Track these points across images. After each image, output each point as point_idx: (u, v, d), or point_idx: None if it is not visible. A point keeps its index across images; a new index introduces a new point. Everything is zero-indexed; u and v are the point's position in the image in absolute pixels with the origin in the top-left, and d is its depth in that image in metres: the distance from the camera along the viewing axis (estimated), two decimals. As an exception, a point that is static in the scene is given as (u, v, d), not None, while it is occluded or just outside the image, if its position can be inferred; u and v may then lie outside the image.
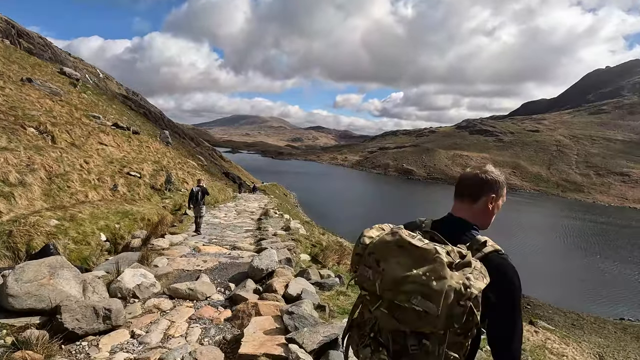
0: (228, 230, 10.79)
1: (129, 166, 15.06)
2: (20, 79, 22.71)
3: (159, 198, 14.99)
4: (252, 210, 17.98)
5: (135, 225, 8.63)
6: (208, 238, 9.01)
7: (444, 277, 1.04)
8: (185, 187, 20.78)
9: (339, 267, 7.98)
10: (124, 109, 55.83)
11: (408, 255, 1.09)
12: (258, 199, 27.00)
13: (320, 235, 13.76)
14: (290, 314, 3.68)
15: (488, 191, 1.46)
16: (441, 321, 1.03)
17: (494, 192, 1.47)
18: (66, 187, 9.83)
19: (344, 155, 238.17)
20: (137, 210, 9.58)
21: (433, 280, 1.04)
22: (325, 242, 11.01)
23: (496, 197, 1.48)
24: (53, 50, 63.76)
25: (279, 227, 11.22)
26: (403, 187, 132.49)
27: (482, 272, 1.13)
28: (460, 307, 1.04)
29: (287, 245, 7.52)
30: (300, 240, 9.21)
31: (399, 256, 1.10)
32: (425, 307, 1.03)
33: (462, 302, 1.04)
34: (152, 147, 23.55)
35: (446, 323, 1.04)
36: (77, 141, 13.88)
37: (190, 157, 49.54)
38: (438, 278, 1.04)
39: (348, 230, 41.80)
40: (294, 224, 12.81)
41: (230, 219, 13.88)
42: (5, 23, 52.60)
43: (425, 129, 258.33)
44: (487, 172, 1.49)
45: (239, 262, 6.64)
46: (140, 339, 3.62)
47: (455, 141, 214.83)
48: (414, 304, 1.04)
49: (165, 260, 6.29)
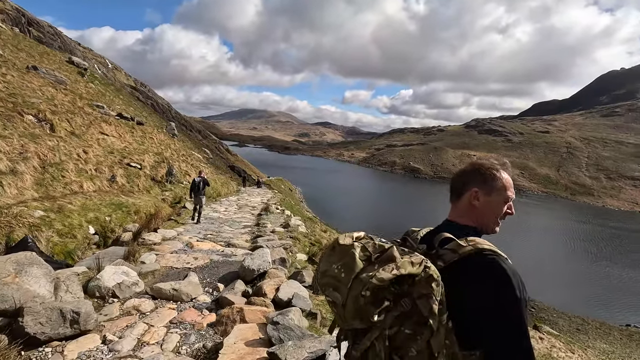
0: (226, 225, 10.50)
1: (130, 157, 14.83)
2: (25, 66, 22.60)
3: (159, 190, 14.76)
4: (254, 205, 17.70)
5: (129, 218, 8.35)
6: (203, 233, 8.72)
7: (353, 269, 1.03)
8: (187, 180, 20.56)
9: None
10: (131, 100, 55.86)
11: (335, 253, 1.11)
12: (261, 194, 26.74)
13: (322, 233, 13.43)
14: (275, 324, 3.34)
15: (470, 184, 1.27)
16: (349, 312, 1.03)
17: (477, 185, 1.25)
18: (60, 176, 9.60)
19: (350, 151, 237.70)
20: (132, 203, 9.32)
21: (342, 272, 1.05)
22: (327, 240, 10.67)
23: (483, 191, 1.25)
24: (62, 39, 63.95)
25: (278, 224, 10.89)
26: (409, 185, 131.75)
27: (400, 266, 1.01)
28: (362, 298, 0.99)
29: (283, 244, 7.18)
30: (299, 239, 8.88)
31: (331, 255, 1.12)
32: (334, 298, 1.06)
33: (363, 292, 0.99)
34: (155, 139, 23.36)
35: (354, 314, 1.02)
36: (78, 130, 13.65)
37: (196, 150, 49.46)
38: (347, 270, 1.04)
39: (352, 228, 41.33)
40: (294, 221, 12.49)
41: (230, 214, 13.60)
42: (15, 11, 52.79)
43: (434, 127, 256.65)
44: (471, 164, 1.32)
45: (232, 260, 6.32)
46: (111, 346, 3.31)
47: (464, 140, 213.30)
48: (327, 294, 1.09)
49: (154, 256, 5.99)
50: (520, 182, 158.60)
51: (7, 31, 35.18)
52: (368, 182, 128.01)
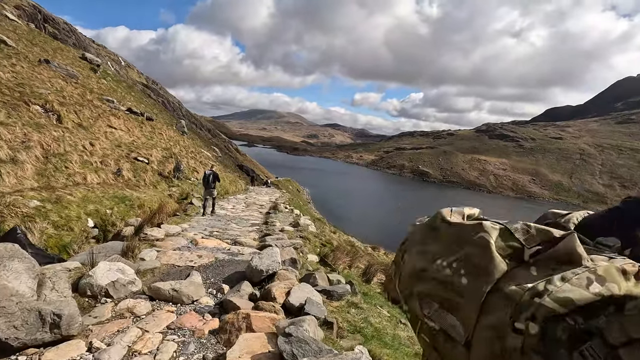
0: (233, 223, 10.07)
1: (137, 151, 14.52)
2: (37, 59, 22.60)
3: (166, 185, 14.42)
4: (262, 203, 17.29)
5: (132, 212, 7.96)
6: (209, 230, 8.28)
7: (486, 270, 0.52)
8: (196, 177, 20.25)
9: (350, 271, 7.13)
10: (143, 97, 56.18)
11: (438, 239, 0.62)
12: (269, 193, 26.36)
13: (331, 234, 12.93)
14: (287, 335, 2.84)
15: None
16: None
17: None
18: (64, 167, 9.27)
19: (359, 153, 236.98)
20: (137, 197, 8.94)
21: (463, 275, 0.54)
22: (336, 241, 10.17)
23: None
24: (77, 36, 64.75)
25: (287, 223, 10.42)
26: (418, 188, 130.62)
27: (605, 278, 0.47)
28: (513, 336, 0.47)
29: (293, 244, 6.69)
30: (309, 239, 8.39)
31: (426, 242, 0.64)
32: (444, 325, 0.55)
33: (519, 323, 0.47)
34: (165, 135, 23.12)
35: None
36: (85, 122, 13.39)
37: (205, 148, 49.47)
38: (474, 272, 0.53)
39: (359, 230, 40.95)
40: (304, 220, 12.02)
41: (238, 212, 13.18)
42: (32, 8, 53.55)
43: (444, 131, 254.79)
44: None
45: (238, 259, 5.85)
46: (97, 355, 2.85)
47: (474, 145, 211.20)
48: (427, 316, 0.58)
49: (155, 253, 5.55)
50: (531, 189, 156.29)
51: (22, 26, 35.48)
52: (376, 185, 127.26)
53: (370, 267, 7.74)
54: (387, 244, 27.08)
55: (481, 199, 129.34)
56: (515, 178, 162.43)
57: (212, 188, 10.96)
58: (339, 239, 14.26)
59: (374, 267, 7.77)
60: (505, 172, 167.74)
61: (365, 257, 8.28)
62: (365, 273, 7.52)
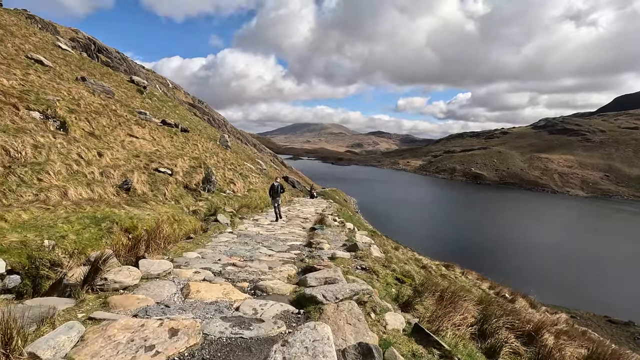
0: (264, 246, 7.24)
1: (159, 161, 12.44)
2: (75, 78, 22.19)
3: (192, 199, 12.11)
4: (306, 216, 14.45)
5: (109, 238, 5.46)
6: (224, 262, 5.48)
7: None
8: (232, 189, 18.02)
9: (460, 334, 3.90)
10: (188, 114, 57.17)
11: None
12: (315, 204, 23.60)
13: (398, 255, 9.64)
14: None
15: None
16: None
17: None
18: (35, 179, 7.15)
19: (405, 159, 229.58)
20: (129, 216, 6.52)
21: None
22: (415, 271, 6.91)
23: None
24: (128, 63, 68.44)
25: (339, 244, 7.39)
26: (472, 192, 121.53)
27: None
28: None
29: (355, 293, 3.62)
30: (377, 271, 5.29)
31: None
32: None
33: None
34: (200, 146, 21.34)
35: None
36: (99, 131, 11.58)
37: (249, 161, 48.57)
38: None
39: (416, 242, 36.69)
40: (360, 238, 8.90)
41: (275, 228, 10.43)
42: (86, 40, 57.14)
43: (496, 130, 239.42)
44: None
45: (249, 336, 2.90)
46: None
47: (533, 142, 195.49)
48: None
49: (75, 334, 2.73)
50: (604, 186, 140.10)
51: (74, 55, 36.85)
52: (427, 191, 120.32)
53: (489, 319, 4.45)
54: (456, 259, 22.92)
55: (546, 200, 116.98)
56: (584, 175, 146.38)
57: (278, 197, 12.46)
58: (407, 259, 10.94)
59: (496, 319, 4.47)
60: (571, 170, 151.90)
61: (464, 294, 5.04)
62: (482, 334, 4.26)
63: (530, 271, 34.11)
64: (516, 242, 47.33)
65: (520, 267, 35.09)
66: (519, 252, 42.19)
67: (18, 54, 19.21)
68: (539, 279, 30.92)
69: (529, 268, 35.30)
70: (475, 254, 37.95)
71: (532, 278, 30.46)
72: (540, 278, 31.80)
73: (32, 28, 37.04)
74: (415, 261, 12.56)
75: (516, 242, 47.61)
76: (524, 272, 33.17)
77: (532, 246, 45.55)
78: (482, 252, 40.93)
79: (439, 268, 13.69)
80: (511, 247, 44.89)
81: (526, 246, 45.37)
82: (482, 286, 12.90)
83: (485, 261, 34.23)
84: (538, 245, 46.34)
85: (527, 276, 31.15)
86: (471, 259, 30.58)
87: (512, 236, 51.25)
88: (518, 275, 29.58)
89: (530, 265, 36.72)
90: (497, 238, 50.15)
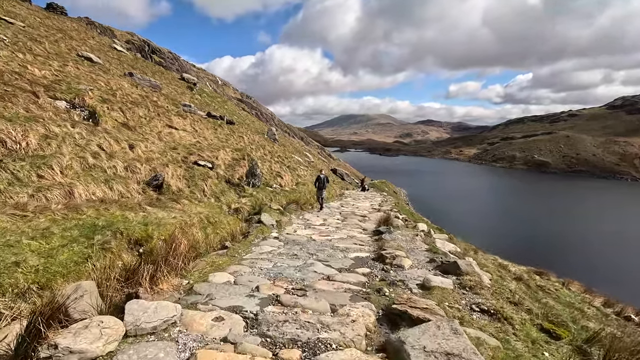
0: (318, 260, 5.39)
1: (199, 153, 11.18)
2: (123, 73, 22.21)
3: (235, 196, 10.67)
4: (363, 213, 12.47)
5: (101, 258, 3.91)
6: (258, 299, 3.59)
7: None
8: (279, 183, 16.54)
9: None
10: (236, 109, 57.75)
11: None
12: (369, 197, 21.52)
13: (477, 257, 7.34)
14: None
15: None
16: None
17: None
18: (34, 176, 5.95)
19: (458, 148, 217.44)
20: (153, 220, 5.03)
21: None
22: (518, 287, 4.64)
23: None
24: (180, 62, 70.95)
25: (420, 256, 5.32)
26: (535, 182, 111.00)
27: None
28: None
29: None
30: (508, 316, 3.19)
31: None
32: None
33: None
34: (245, 138, 20.15)
35: None
36: (133, 122, 10.55)
37: (297, 154, 47.74)
38: None
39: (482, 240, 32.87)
40: (442, 244, 6.73)
41: (330, 230, 8.57)
42: (141, 42, 59.78)
43: (563, 112, 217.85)
44: None
45: None
46: None
47: (607, 124, 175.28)
48: None
49: None
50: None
51: (128, 55, 38.18)
52: (484, 181, 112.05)
53: None
54: (529, 259, 19.60)
55: (626, 189, 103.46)
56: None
57: (324, 188, 12.97)
58: (494, 268, 8.56)
59: None
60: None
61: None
62: None
63: (628, 275, 29.12)
64: (601, 238, 41.41)
65: (613, 269, 30.13)
66: (606, 251, 36.63)
67: (70, 53, 19.31)
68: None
69: (627, 271, 30.19)
70: (551, 253, 33.37)
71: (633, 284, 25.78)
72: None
73: (91, 32, 38.79)
74: (500, 267, 10.07)
75: (601, 238, 41.66)
76: (618, 275, 28.35)
77: (621, 244, 39.45)
78: (563, 250, 36.01)
79: (530, 276, 11.04)
80: (595, 244, 39.28)
81: (614, 244, 39.41)
82: (595, 303, 10.06)
83: (568, 262, 29.76)
84: (630, 241, 40.05)
85: (625, 280, 26.48)
86: (548, 260, 26.51)
87: (596, 231, 45.09)
88: (612, 280, 25.15)
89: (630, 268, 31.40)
90: (574, 233, 44.36)
